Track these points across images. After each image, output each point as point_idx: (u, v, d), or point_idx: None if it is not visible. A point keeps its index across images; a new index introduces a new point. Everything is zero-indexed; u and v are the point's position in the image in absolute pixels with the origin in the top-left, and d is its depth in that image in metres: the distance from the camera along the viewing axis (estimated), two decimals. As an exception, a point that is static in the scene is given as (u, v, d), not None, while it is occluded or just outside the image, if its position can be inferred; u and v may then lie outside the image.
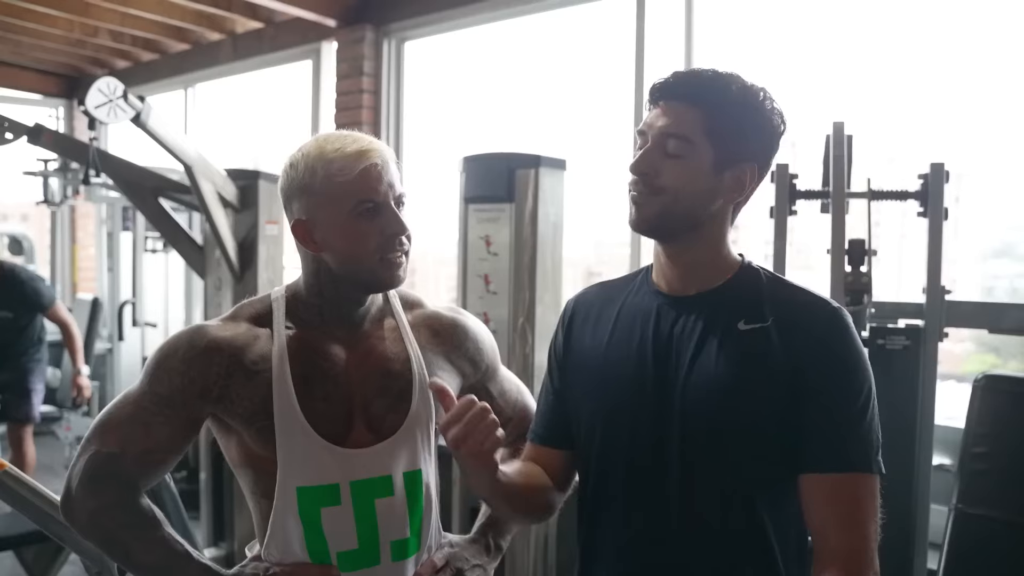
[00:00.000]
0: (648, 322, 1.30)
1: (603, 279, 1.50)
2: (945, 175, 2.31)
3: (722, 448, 1.22)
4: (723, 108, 1.20)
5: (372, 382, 1.36)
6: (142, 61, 6.09)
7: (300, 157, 1.31)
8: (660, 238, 1.29)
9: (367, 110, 4.41)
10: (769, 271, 1.31)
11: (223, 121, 5.96)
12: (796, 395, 1.19)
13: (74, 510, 1.31)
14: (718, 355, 1.22)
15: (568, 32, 3.98)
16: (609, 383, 1.31)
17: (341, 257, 1.31)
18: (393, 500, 1.34)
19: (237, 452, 1.36)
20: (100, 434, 1.32)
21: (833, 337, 1.21)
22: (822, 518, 1.19)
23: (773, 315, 1.22)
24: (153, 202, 3.79)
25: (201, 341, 1.31)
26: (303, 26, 4.69)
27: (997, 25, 2.99)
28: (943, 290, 2.33)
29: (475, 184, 2.97)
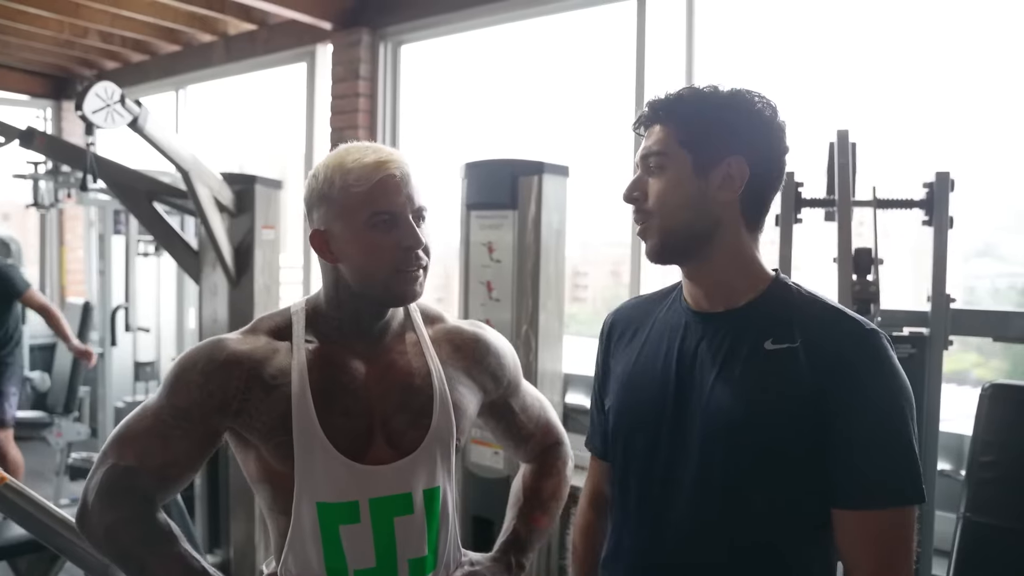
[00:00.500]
0: (675, 339, 1.29)
1: (588, 278, 1.50)
2: (950, 183, 2.32)
3: (739, 472, 1.19)
4: (689, 116, 1.23)
5: (392, 397, 1.34)
6: (132, 62, 6.04)
7: (322, 167, 1.31)
8: (674, 261, 1.28)
9: (363, 114, 4.38)
10: (804, 288, 1.28)
11: (215, 124, 5.92)
12: (823, 421, 1.15)
13: (90, 524, 1.30)
14: (742, 375, 1.20)
15: (567, 37, 3.98)
16: (632, 400, 1.32)
17: (356, 269, 1.30)
18: (412, 518, 1.33)
19: (255, 467, 1.35)
20: (117, 447, 1.31)
21: (863, 361, 1.15)
22: (853, 555, 1.17)
23: (802, 336, 1.18)
24: (147, 206, 3.75)
25: (220, 354, 1.30)
26: (298, 28, 4.65)
27: (989, 31, 3.01)
28: (948, 298, 2.34)
29: (478, 190, 2.96)
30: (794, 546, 1.21)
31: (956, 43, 3.05)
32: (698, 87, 1.26)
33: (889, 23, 3.18)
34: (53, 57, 6.21)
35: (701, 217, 1.22)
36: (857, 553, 1.16)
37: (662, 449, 1.26)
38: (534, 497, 1.55)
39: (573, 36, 3.95)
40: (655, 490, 1.27)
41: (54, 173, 4.89)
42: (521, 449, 1.59)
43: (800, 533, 1.21)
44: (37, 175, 5.00)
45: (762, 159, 1.23)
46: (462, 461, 3.08)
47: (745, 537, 1.20)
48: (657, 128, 1.24)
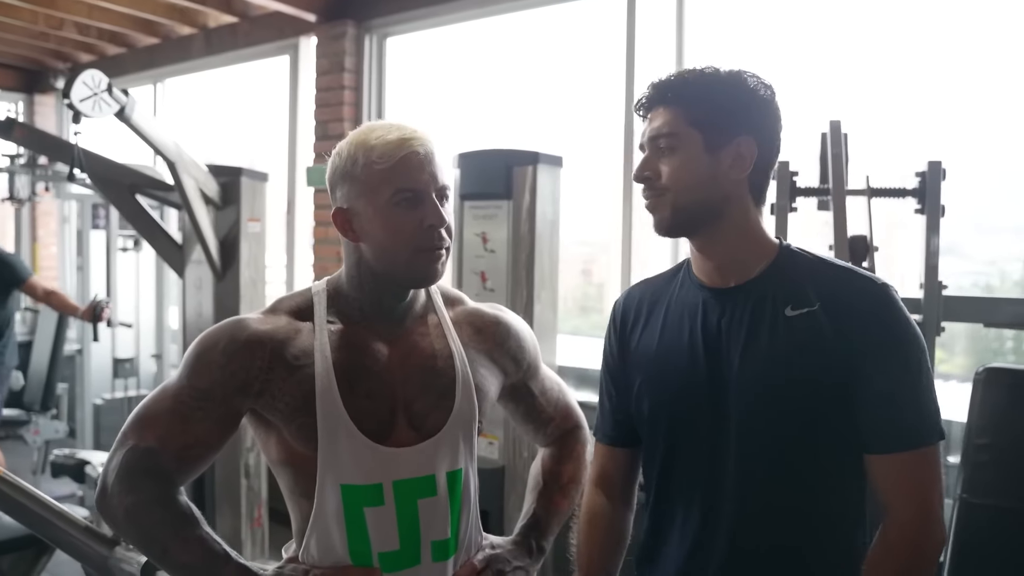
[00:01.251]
0: (696, 316, 1.33)
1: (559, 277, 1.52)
2: (942, 172, 2.36)
3: (780, 434, 1.26)
4: (698, 96, 1.27)
5: (415, 379, 1.33)
6: (108, 55, 5.94)
7: (345, 145, 1.29)
8: (684, 234, 1.33)
9: (348, 107, 4.36)
10: (810, 252, 1.34)
11: (194, 118, 5.85)
12: (852, 376, 1.22)
13: (110, 506, 1.27)
14: (770, 343, 1.26)
15: (556, 28, 3.99)
16: (665, 378, 1.34)
17: (378, 248, 1.28)
18: (436, 500, 1.32)
19: (277, 450, 1.33)
20: (137, 428, 1.28)
21: (883, 314, 1.23)
22: (891, 495, 1.24)
23: (820, 298, 1.25)
24: (130, 199, 3.70)
25: (242, 334, 1.28)
26: (280, 21, 4.61)
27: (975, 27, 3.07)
28: (940, 285, 2.38)
29: (472, 181, 2.95)
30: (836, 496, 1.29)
31: (943, 36, 3.11)
32: (699, 68, 1.30)
33: (880, 14, 3.23)
34: (26, 49, 6.09)
35: (713, 194, 1.27)
36: (895, 494, 1.24)
37: (704, 427, 1.30)
38: (554, 481, 1.55)
39: (562, 28, 3.96)
40: (703, 468, 1.31)
41: (31, 166, 4.80)
42: (541, 433, 1.58)
43: (839, 483, 1.28)
44: (13, 168, 4.90)
45: (767, 138, 1.29)
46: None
47: (791, 494, 1.27)
48: (663, 110, 1.28)
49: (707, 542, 1.32)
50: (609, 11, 3.59)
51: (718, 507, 1.30)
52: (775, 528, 1.28)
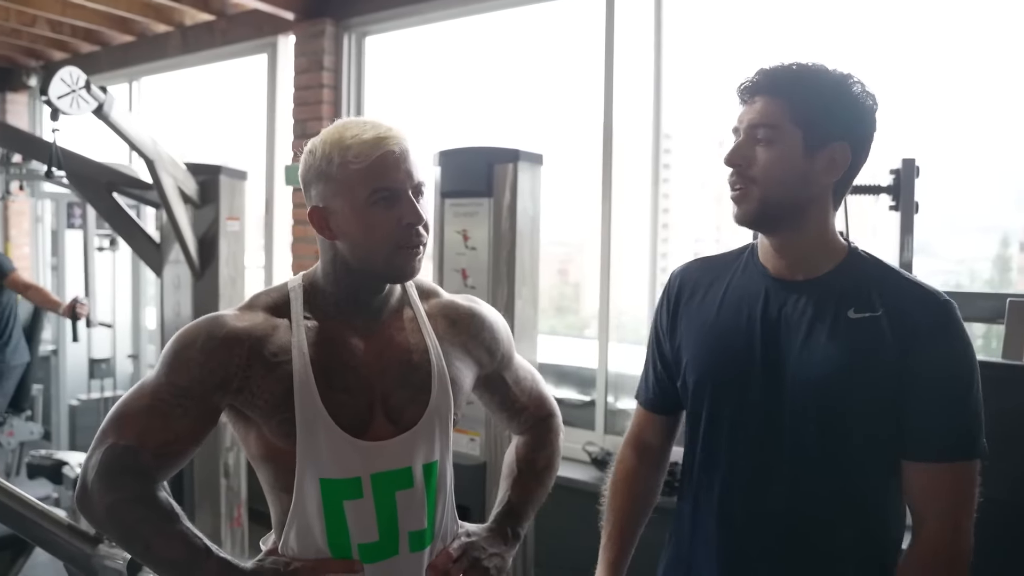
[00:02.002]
0: (756, 302, 1.36)
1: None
2: (916, 170, 2.40)
3: (830, 429, 1.29)
4: (806, 94, 1.27)
5: (392, 373, 1.35)
6: (82, 53, 5.88)
7: (319, 143, 1.29)
8: (764, 229, 1.36)
9: (327, 105, 4.35)
10: (878, 258, 1.36)
11: (170, 117, 5.80)
12: (906, 385, 1.26)
13: (91, 504, 1.28)
14: (829, 340, 1.28)
15: (535, 28, 4.00)
16: (718, 354, 1.38)
17: (356, 246, 1.29)
18: (413, 491, 1.35)
19: (256, 445, 1.34)
20: (116, 426, 1.29)
21: (944, 330, 1.26)
22: (923, 504, 1.29)
23: (884, 306, 1.28)
24: (107, 197, 3.67)
25: (220, 331, 1.29)
26: (258, 19, 4.59)
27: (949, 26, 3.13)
28: (914, 281, 2.42)
29: (452, 178, 2.96)
30: (878, 496, 1.33)
31: (917, 36, 3.16)
32: (811, 65, 1.30)
33: (855, 13, 3.28)
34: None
35: (800, 193, 1.29)
36: (929, 505, 1.28)
37: (754, 408, 1.34)
38: (528, 468, 1.58)
39: (540, 27, 3.98)
40: (750, 448, 1.35)
41: (4, 164, 4.74)
42: (515, 421, 1.61)
43: (883, 484, 1.32)
44: (-14, 167, 4.84)
45: (861, 147, 1.31)
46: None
47: (839, 489, 1.31)
48: (769, 99, 1.28)
49: (747, 526, 1.35)
50: (588, 10, 3.61)
51: (764, 489, 1.33)
52: (819, 516, 1.32)
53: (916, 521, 1.31)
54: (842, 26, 3.29)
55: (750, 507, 1.35)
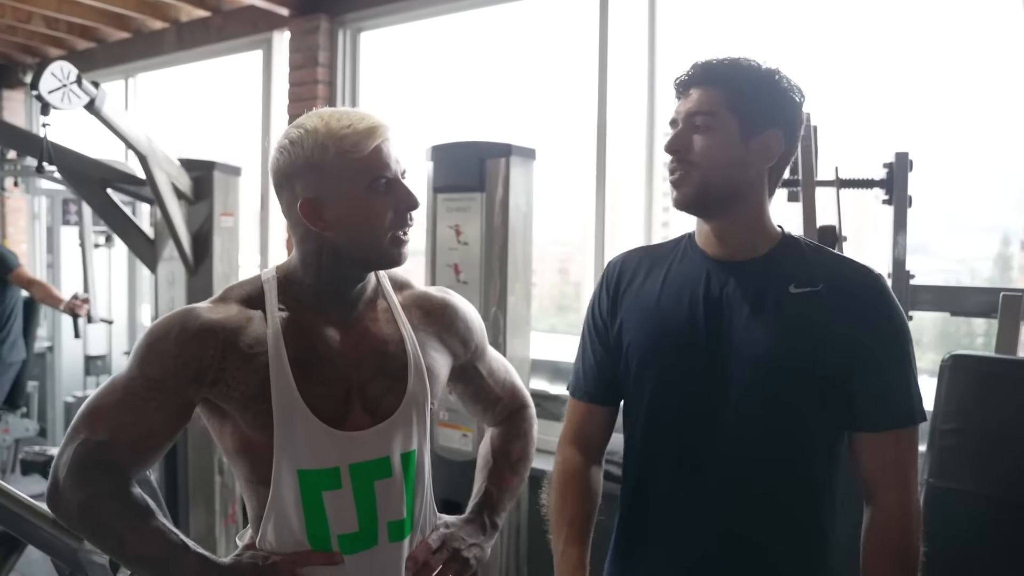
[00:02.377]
0: (698, 284, 1.40)
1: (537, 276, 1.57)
2: (909, 163, 2.40)
3: (775, 403, 1.33)
4: (741, 83, 1.34)
5: (368, 364, 1.35)
6: (78, 50, 5.87)
7: (304, 134, 1.27)
8: (702, 213, 1.41)
9: (322, 101, 4.34)
10: (808, 240, 1.44)
11: (166, 113, 5.79)
12: (851, 356, 1.31)
13: (63, 501, 1.26)
14: (773, 315, 1.34)
15: (529, 23, 3.99)
16: (661, 335, 1.40)
17: (353, 234, 1.29)
18: (391, 481, 1.35)
19: (232, 439, 1.33)
20: (88, 422, 1.27)
21: (882, 301, 1.34)
22: (878, 473, 1.35)
23: (823, 280, 1.34)
24: (101, 193, 3.67)
25: (194, 323, 1.27)
26: (253, 15, 4.59)
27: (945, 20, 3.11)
28: (908, 274, 2.41)
29: (445, 173, 2.95)
30: (825, 469, 1.38)
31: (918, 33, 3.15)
32: (744, 58, 1.37)
33: (853, 7, 3.27)
34: (-6, 44, 6.02)
35: (737, 178, 1.35)
36: (881, 474, 1.34)
37: (699, 387, 1.37)
38: (503, 459, 1.59)
39: (535, 22, 3.97)
40: (696, 425, 1.37)
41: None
42: (489, 413, 1.62)
43: (828, 457, 1.38)
44: (-20, 163, 4.83)
45: (791, 136, 1.38)
46: (430, 444, 3.07)
47: (784, 463, 1.35)
48: (705, 89, 1.35)
49: (694, 504, 1.37)
50: (582, 6, 3.60)
51: (708, 464, 1.36)
52: (764, 490, 1.35)
53: (870, 490, 1.36)
54: (841, 22, 3.27)
55: (695, 484, 1.38)
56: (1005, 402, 2.08)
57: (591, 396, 1.54)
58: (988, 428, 2.08)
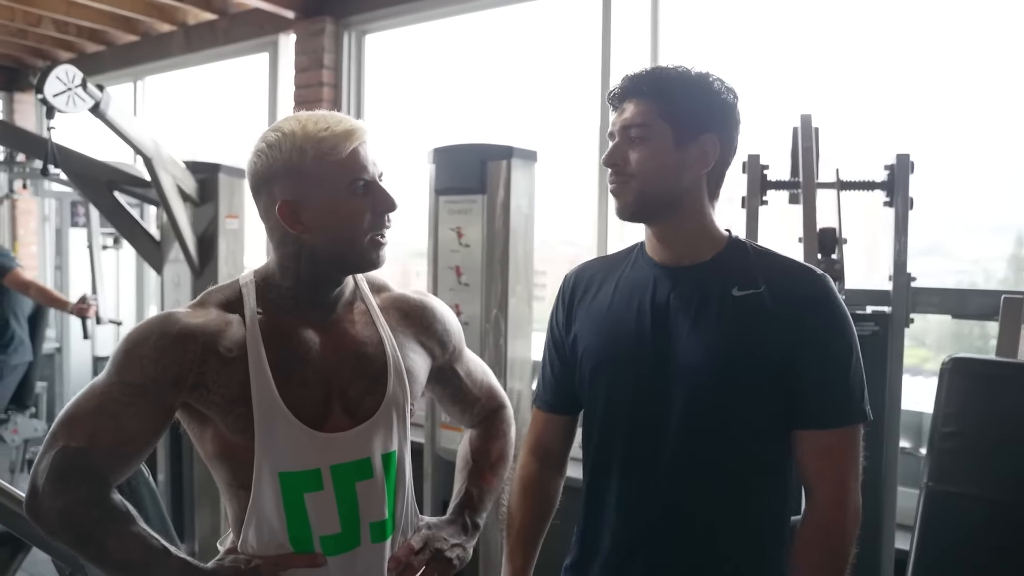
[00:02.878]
0: (646, 289, 1.42)
1: (546, 277, 1.59)
2: (910, 165, 2.38)
3: (721, 406, 1.35)
4: (672, 92, 1.37)
5: (348, 366, 1.36)
6: (87, 53, 5.92)
7: (281, 138, 1.28)
8: (644, 220, 1.43)
9: (327, 103, 4.36)
10: (754, 243, 1.46)
11: (174, 115, 5.82)
12: (793, 354, 1.33)
13: (42, 508, 1.25)
14: (717, 318, 1.35)
15: (533, 25, 3.99)
16: (612, 342, 1.43)
17: (331, 237, 1.30)
18: (373, 482, 1.36)
19: (212, 443, 1.33)
20: (67, 428, 1.26)
21: (824, 300, 1.35)
22: (815, 470, 1.36)
23: (765, 282, 1.36)
24: (108, 196, 3.69)
25: (173, 328, 1.27)
26: (260, 18, 4.61)
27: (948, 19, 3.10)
28: (909, 277, 2.40)
29: (446, 176, 2.96)
30: (774, 468, 1.40)
31: (927, 33, 3.13)
32: (673, 67, 1.40)
33: (859, 8, 3.25)
34: (4, 47, 6.06)
35: (675, 185, 1.38)
36: (819, 472, 1.36)
37: (647, 392, 1.39)
38: (483, 459, 1.60)
39: (538, 25, 3.97)
40: (643, 434, 1.39)
41: (8, 163, 4.78)
42: (467, 414, 1.63)
43: (774, 456, 1.39)
44: (-9, 165, 4.88)
45: (728, 139, 1.41)
46: (432, 447, 3.08)
47: (730, 464, 1.37)
48: (637, 101, 1.38)
49: (644, 506, 1.40)
50: (585, 8, 3.60)
51: (656, 469, 1.38)
52: (712, 493, 1.37)
53: (808, 487, 1.38)
54: (845, 25, 3.26)
55: (643, 488, 1.40)
56: (1006, 405, 2.07)
57: (550, 406, 1.57)
58: (988, 431, 2.07)
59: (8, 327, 4.54)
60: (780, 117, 2.68)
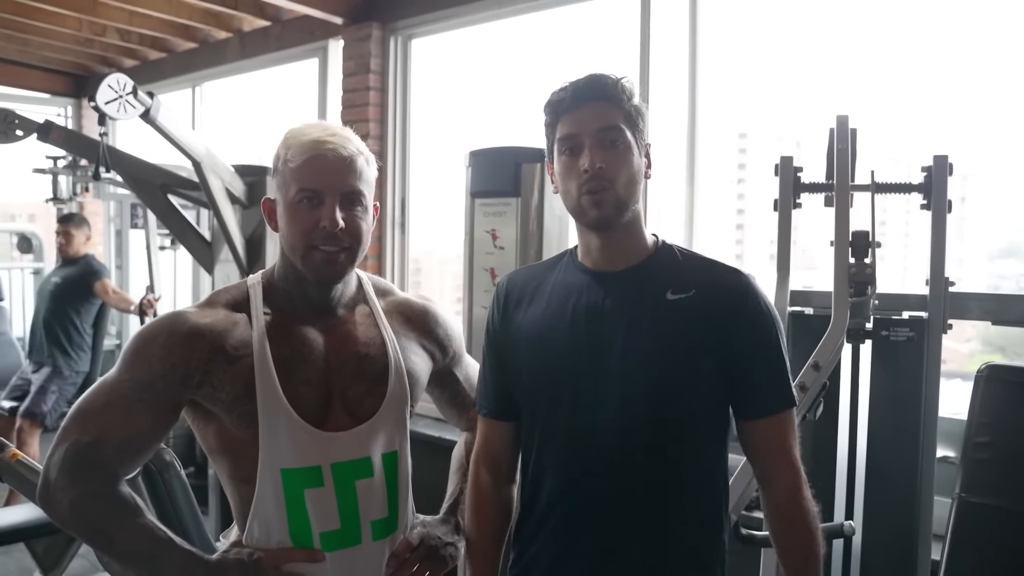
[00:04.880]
0: (581, 294, 1.42)
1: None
2: (948, 167, 2.32)
3: (659, 406, 1.36)
4: (626, 101, 1.39)
5: (350, 366, 1.40)
6: (149, 60, 6.12)
7: (283, 138, 1.37)
8: (614, 228, 1.40)
9: (373, 107, 4.43)
10: (682, 247, 1.48)
11: (230, 120, 5.98)
12: (728, 351, 1.36)
13: (54, 499, 1.31)
14: (653, 322, 1.36)
15: (573, 28, 4.00)
16: (546, 350, 1.42)
17: (284, 240, 1.37)
18: (373, 481, 1.39)
19: (215, 438, 1.38)
20: (79, 423, 1.32)
21: (751, 297, 1.39)
22: (764, 457, 1.42)
23: (696, 285, 1.39)
24: (162, 198, 3.83)
25: (182, 327, 1.32)
26: (310, 24, 4.71)
27: (1005, 20, 3.00)
28: (947, 282, 2.34)
29: (481, 178, 2.99)
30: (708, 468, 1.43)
31: (972, 32, 3.05)
32: (612, 74, 1.42)
33: (891, 7, 3.18)
34: (73, 55, 6.30)
35: (637, 191, 1.40)
36: (774, 456, 1.41)
37: (586, 395, 1.38)
38: None
39: (580, 27, 3.98)
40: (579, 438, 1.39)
41: (72, 167, 4.98)
42: (464, 417, 1.67)
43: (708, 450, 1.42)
44: (56, 169, 5.09)
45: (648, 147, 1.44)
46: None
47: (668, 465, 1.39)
48: (608, 105, 1.38)
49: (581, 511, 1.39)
50: (623, 10, 3.59)
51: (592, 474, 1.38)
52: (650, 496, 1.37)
53: (764, 474, 1.43)
54: (890, 21, 3.19)
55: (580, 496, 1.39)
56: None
57: (493, 412, 1.55)
58: (1022, 442, 2.01)
59: (79, 333, 4.75)
60: (816, 118, 2.64)
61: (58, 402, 4.63)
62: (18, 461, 2.13)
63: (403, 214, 4.50)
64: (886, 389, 2.28)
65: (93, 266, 4.83)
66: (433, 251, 5.21)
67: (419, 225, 4.53)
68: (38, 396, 4.58)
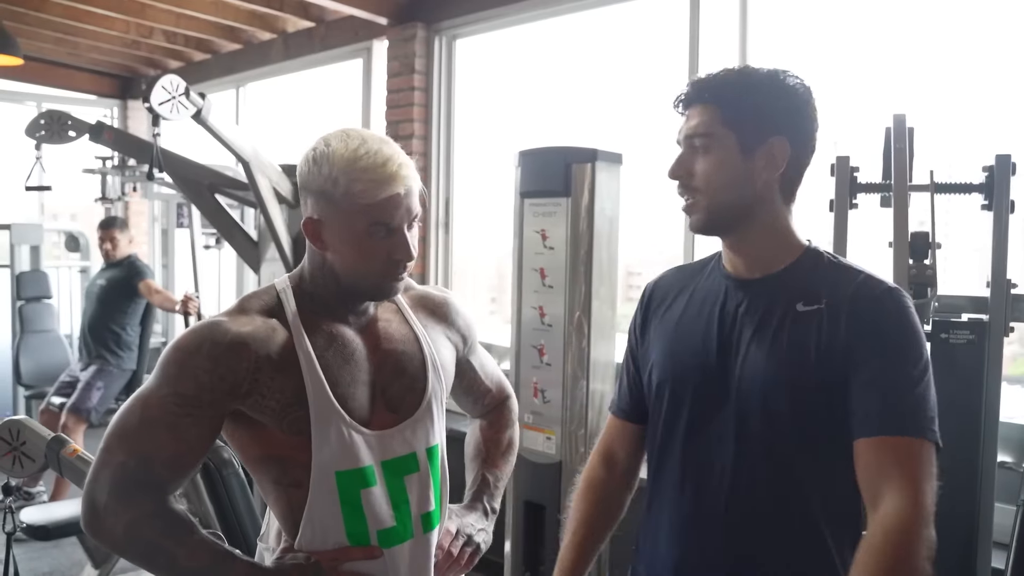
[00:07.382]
0: (716, 302, 1.39)
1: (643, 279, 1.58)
2: (1011, 166, 2.28)
3: (776, 423, 1.29)
4: (734, 97, 1.31)
5: (390, 364, 1.40)
6: (194, 61, 6.21)
7: (325, 158, 1.28)
8: (717, 234, 1.39)
9: (418, 108, 4.45)
10: (833, 255, 1.39)
11: (274, 121, 6.04)
12: (848, 370, 1.25)
13: (106, 525, 1.27)
14: (776, 335, 1.31)
15: (619, 27, 3.98)
16: (678, 353, 1.41)
17: (347, 266, 1.33)
18: (420, 475, 1.41)
19: (259, 446, 1.34)
20: (123, 442, 1.28)
21: (881, 311, 1.27)
22: (870, 482, 1.21)
23: (827, 296, 1.29)
24: (209, 198, 3.87)
25: (224, 337, 1.27)
26: (354, 25, 4.74)
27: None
28: (1009, 284, 2.30)
29: (531, 178, 2.98)
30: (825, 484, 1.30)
31: (1017, 22, 2.99)
32: (737, 68, 1.36)
33: (948, 3, 3.13)
34: (120, 57, 6.41)
35: (744, 194, 1.32)
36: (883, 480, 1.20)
37: (705, 407, 1.35)
38: (495, 447, 1.67)
39: (627, 26, 3.96)
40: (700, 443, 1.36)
41: (121, 167, 5.06)
42: (479, 404, 1.69)
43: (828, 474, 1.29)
44: (105, 170, 5.17)
45: (800, 138, 1.33)
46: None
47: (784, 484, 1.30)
48: (701, 108, 1.33)
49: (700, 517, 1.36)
50: (673, 9, 3.57)
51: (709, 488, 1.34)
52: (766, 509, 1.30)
53: (868, 502, 1.23)
54: (946, 17, 3.14)
55: (698, 504, 1.36)
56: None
57: (624, 413, 1.55)
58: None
59: (126, 332, 4.83)
60: (873, 117, 2.60)
61: (104, 399, 4.70)
62: (78, 457, 2.16)
63: (447, 214, 4.52)
64: (945, 393, 2.20)
65: (137, 266, 4.90)
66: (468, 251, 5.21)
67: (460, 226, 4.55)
68: (84, 392, 4.65)
